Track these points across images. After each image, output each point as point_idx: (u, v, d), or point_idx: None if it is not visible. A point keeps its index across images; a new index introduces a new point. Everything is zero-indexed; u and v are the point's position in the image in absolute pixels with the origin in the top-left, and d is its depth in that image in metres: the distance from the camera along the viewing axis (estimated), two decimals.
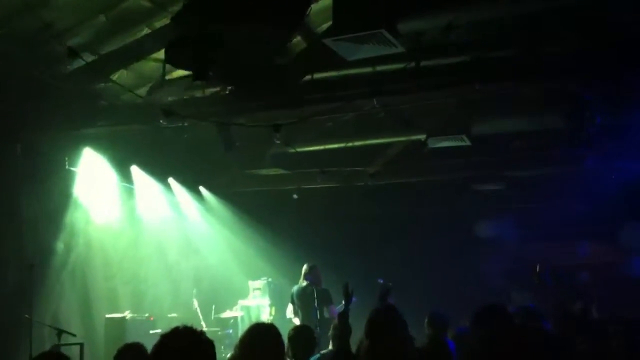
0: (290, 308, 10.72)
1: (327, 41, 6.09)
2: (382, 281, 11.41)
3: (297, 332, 5.91)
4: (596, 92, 8.02)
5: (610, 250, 11.57)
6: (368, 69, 7.38)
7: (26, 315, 7.69)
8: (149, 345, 4.89)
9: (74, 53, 5.99)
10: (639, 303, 10.72)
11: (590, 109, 8.28)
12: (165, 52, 5.21)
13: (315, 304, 9.26)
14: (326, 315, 9.34)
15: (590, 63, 6.98)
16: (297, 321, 10.36)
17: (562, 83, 7.83)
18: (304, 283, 9.59)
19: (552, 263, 11.21)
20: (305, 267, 9.74)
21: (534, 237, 11.70)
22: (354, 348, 5.06)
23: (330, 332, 7.04)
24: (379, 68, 7.34)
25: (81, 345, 7.96)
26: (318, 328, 8.94)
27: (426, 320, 6.64)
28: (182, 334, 2.84)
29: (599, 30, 6.81)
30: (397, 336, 4.26)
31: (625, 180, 10.08)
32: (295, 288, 9.76)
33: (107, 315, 9.76)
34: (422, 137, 9.37)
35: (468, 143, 9.07)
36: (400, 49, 6.34)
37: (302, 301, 9.52)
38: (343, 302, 8.43)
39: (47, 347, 7.88)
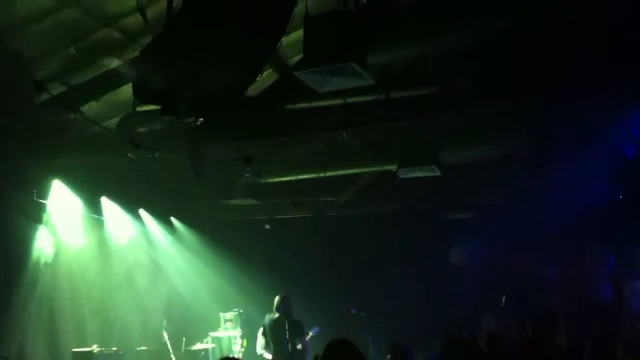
0: (259, 342, 10.52)
1: (298, 73, 6.13)
2: (354, 311, 11.45)
3: None
4: (559, 113, 8.18)
5: (577, 272, 11.70)
6: (339, 101, 7.44)
7: None
8: None
9: (41, 86, 5.94)
10: (604, 323, 10.88)
11: (554, 131, 8.46)
12: (133, 87, 5.20)
13: (287, 336, 9.20)
14: (298, 347, 9.28)
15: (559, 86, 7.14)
16: (268, 356, 10.22)
17: (526, 105, 7.97)
18: (276, 314, 9.53)
19: (519, 286, 11.34)
20: (277, 298, 9.69)
21: (503, 261, 11.79)
22: None
23: None
24: (349, 100, 7.40)
25: None
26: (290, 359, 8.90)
27: (389, 356, 6.59)
28: None
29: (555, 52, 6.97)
30: None
31: (588, 204, 10.25)
32: (267, 319, 9.69)
33: (75, 349, 9.57)
34: (393, 167, 9.44)
35: (438, 173, 9.16)
36: (370, 81, 6.42)
37: (274, 332, 9.45)
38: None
39: None
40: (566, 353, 5.74)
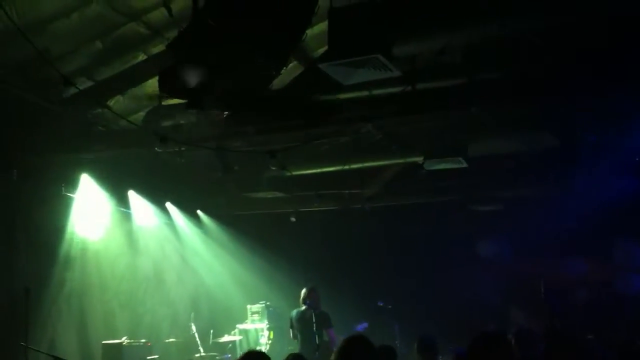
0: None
1: (323, 66, 6.09)
2: (381, 304, 11.44)
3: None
4: (588, 110, 8.06)
5: (605, 267, 11.55)
6: (364, 93, 7.38)
7: (22, 343, 7.60)
8: None
9: (68, 82, 5.97)
10: (631, 321, 10.72)
11: (583, 127, 8.33)
12: (159, 81, 5.21)
13: (314, 328, 9.19)
14: (325, 338, 9.27)
15: (580, 82, 7.01)
16: None
17: (555, 102, 7.86)
18: (303, 307, 9.52)
19: (547, 280, 11.22)
20: (304, 290, 9.67)
21: (530, 255, 11.68)
22: None
23: (333, 357, 6.99)
24: (375, 92, 7.34)
25: None
26: (317, 352, 8.89)
27: (415, 346, 6.56)
28: None
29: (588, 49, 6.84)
30: None
31: (617, 198, 10.09)
32: (294, 312, 9.69)
33: (104, 342, 9.67)
34: (419, 159, 9.38)
35: (465, 165, 9.08)
36: (396, 74, 6.36)
37: (301, 325, 9.44)
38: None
39: None
40: (596, 348, 5.63)
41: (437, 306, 11.92)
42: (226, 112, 7.54)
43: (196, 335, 10.73)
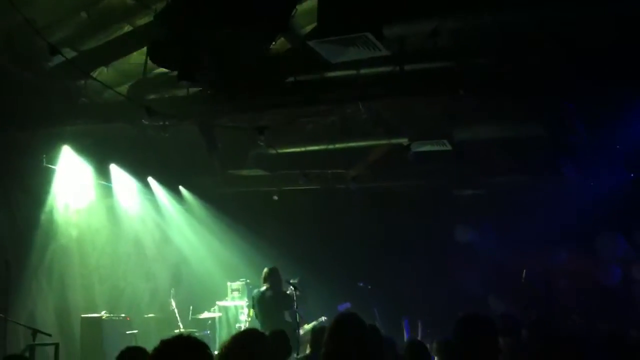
0: None
1: (312, 43, 6.05)
2: (362, 284, 11.48)
3: (273, 335, 5.91)
4: (579, 102, 8.08)
5: (587, 258, 11.64)
6: (352, 72, 7.35)
7: (0, 315, 7.55)
8: (124, 345, 4.86)
9: (54, 50, 5.88)
10: (613, 311, 10.84)
11: (572, 118, 8.35)
12: (149, 51, 5.14)
13: (274, 308, 9.16)
14: (287, 319, 9.24)
15: (573, 74, 7.03)
16: None
17: (544, 93, 7.87)
18: (264, 287, 9.47)
19: (527, 270, 11.30)
20: (265, 270, 9.61)
21: (512, 243, 11.75)
22: None
23: (309, 336, 7.03)
24: (362, 71, 7.31)
25: (56, 345, 7.83)
26: (296, 331, 8.92)
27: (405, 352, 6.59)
28: (184, 341, 2.78)
29: (579, 41, 6.85)
30: (354, 346, 4.24)
31: (602, 190, 10.17)
32: (255, 292, 9.62)
33: (83, 315, 9.63)
34: (404, 140, 9.38)
35: (449, 148, 9.10)
36: (384, 53, 6.33)
37: (262, 305, 9.38)
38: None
39: (22, 346, 7.74)
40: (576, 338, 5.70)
41: (419, 289, 11.97)
42: (213, 88, 7.47)
43: (176, 311, 10.71)
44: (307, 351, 6.90)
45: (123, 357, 4.68)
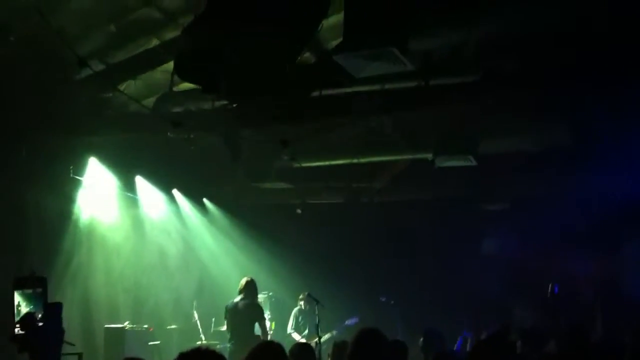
0: (290, 323, 10.76)
1: (337, 57, 6.07)
2: (384, 299, 11.41)
3: (299, 349, 5.89)
4: (601, 107, 8.01)
5: (612, 266, 11.47)
6: (377, 87, 7.36)
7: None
8: (148, 357, 4.88)
9: (83, 63, 5.97)
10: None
11: (596, 125, 8.29)
12: (175, 65, 5.19)
13: (247, 320, 9.12)
14: (257, 332, 9.16)
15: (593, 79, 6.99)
16: (296, 336, 10.37)
17: (568, 99, 7.83)
18: (238, 297, 9.38)
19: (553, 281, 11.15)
20: (242, 281, 9.53)
21: (537, 254, 11.62)
22: None
23: (330, 350, 6.99)
24: (388, 86, 7.31)
25: (80, 355, 7.86)
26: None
27: (421, 340, 6.55)
28: (202, 353, 2.78)
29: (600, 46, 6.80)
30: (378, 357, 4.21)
31: (627, 197, 10.03)
32: (229, 303, 9.50)
33: (107, 325, 9.69)
34: (429, 155, 9.35)
35: (474, 163, 9.05)
36: (409, 68, 6.33)
37: (233, 316, 9.28)
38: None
39: None
40: (604, 350, 5.60)
41: (441, 304, 11.86)
42: (238, 101, 7.52)
43: (198, 322, 10.72)
44: None
45: None
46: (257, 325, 9.23)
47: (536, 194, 11.14)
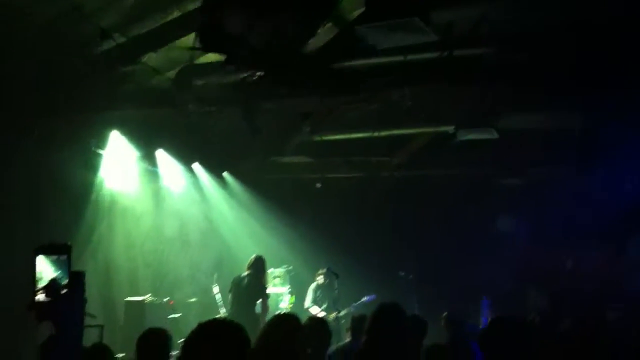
0: (308, 298, 10.80)
1: (359, 28, 6.00)
2: (402, 274, 11.41)
3: (314, 323, 5.90)
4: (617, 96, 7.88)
5: (619, 262, 11.30)
6: (399, 58, 7.27)
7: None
8: (168, 329, 4.95)
9: (106, 34, 5.95)
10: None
11: (609, 112, 8.16)
12: (197, 36, 5.16)
13: (248, 297, 9.22)
14: (257, 310, 9.23)
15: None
16: (314, 310, 10.42)
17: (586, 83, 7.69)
18: (245, 273, 9.48)
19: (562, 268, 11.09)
20: (252, 257, 9.68)
21: (553, 236, 11.54)
22: None
23: (349, 325, 7.02)
24: (409, 57, 7.22)
25: (101, 327, 7.96)
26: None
27: (443, 320, 6.57)
28: (220, 324, 2.79)
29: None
30: (396, 335, 4.21)
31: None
32: (236, 277, 9.64)
33: (127, 299, 9.79)
34: (449, 129, 9.27)
35: (496, 136, 8.97)
36: (432, 38, 6.25)
37: (238, 290, 9.44)
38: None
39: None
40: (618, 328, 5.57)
41: (457, 282, 11.83)
42: (258, 74, 7.47)
43: (218, 296, 10.81)
44: (347, 340, 6.90)
45: (145, 339, 4.75)
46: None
47: (556, 171, 11.03)
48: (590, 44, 6.73)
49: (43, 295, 2.17)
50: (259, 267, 9.49)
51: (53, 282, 2.15)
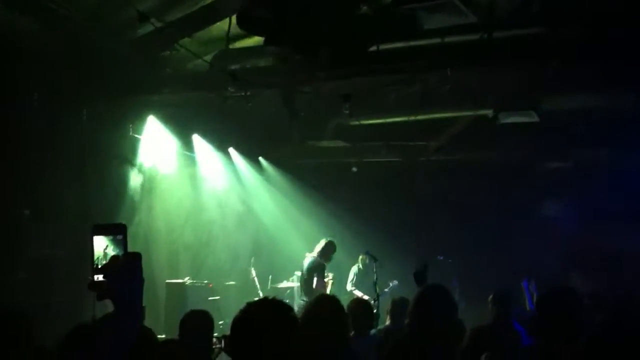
0: (350, 280, 10.87)
1: (397, 10, 5.92)
2: (441, 258, 11.32)
3: (358, 305, 5.89)
4: None
5: None
6: (437, 40, 7.16)
7: (89, 277, 7.78)
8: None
9: (144, 17, 5.97)
10: None
11: None
12: (238, 17, 5.14)
13: (307, 276, 9.63)
14: (313, 285, 9.53)
15: None
16: (358, 293, 10.45)
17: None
18: (313, 255, 9.84)
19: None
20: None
21: (597, 219, 11.29)
22: None
23: (389, 308, 6.99)
24: (448, 39, 7.10)
25: (143, 308, 8.05)
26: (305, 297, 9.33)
27: (490, 298, 6.48)
28: (270, 303, 2.79)
29: None
30: (441, 318, 4.14)
31: None
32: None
33: (168, 280, 9.91)
34: (488, 112, 9.13)
35: (536, 119, 8.80)
36: (471, 19, 6.14)
37: (302, 270, 9.93)
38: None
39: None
40: None
41: (495, 265, 11.68)
42: (296, 57, 7.44)
43: (256, 279, 10.87)
44: (387, 322, 6.87)
45: (188, 320, 4.79)
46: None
47: (600, 156, 10.78)
48: None
49: (102, 275, 2.17)
50: (326, 250, 9.85)
51: (114, 258, 2.16)
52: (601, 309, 5.54)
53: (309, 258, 9.84)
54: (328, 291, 10.96)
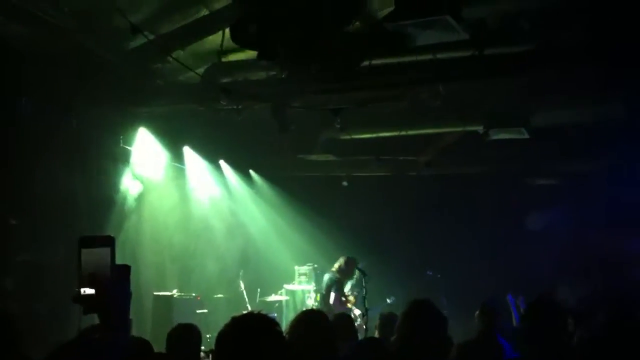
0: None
1: (389, 26, 5.95)
2: (430, 273, 11.32)
3: (339, 319, 5.87)
4: None
5: None
6: (428, 56, 7.21)
7: (76, 289, 7.72)
8: (196, 324, 4.96)
9: (136, 29, 5.98)
10: None
11: None
12: (231, 31, 5.16)
13: (319, 287, 9.99)
14: (330, 301, 9.77)
15: None
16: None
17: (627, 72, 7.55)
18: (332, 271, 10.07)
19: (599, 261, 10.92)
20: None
21: (585, 230, 11.35)
22: None
23: (377, 323, 6.99)
24: (439, 55, 7.15)
25: (130, 321, 7.99)
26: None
27: (478, 312, 6.48)
28: (255, 317, 2.77)
29: None
30: (429, 332, 4.15)
31: None
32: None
33: (155, 293, 9.84)
34: (479, 128, 9.17)
35: (526, 136, 8.85)
36: (463, 36, 6.18)
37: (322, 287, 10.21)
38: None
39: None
40: None
41: (486, 278, 11.70)
42: (287, 71, 7.46)
43: (244, 292, 10.82)
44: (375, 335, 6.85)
45: (175, 334, 4.75)
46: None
47: (587, 170, 10.84)
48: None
49: (88, 288, 2.15)
50: (345, 266, 10.04)
51: (99, 275, 2.13)
52: (590, 320, 5.54)
53: (328, 274, 10.12)
54: (312, 303, 10.99)
